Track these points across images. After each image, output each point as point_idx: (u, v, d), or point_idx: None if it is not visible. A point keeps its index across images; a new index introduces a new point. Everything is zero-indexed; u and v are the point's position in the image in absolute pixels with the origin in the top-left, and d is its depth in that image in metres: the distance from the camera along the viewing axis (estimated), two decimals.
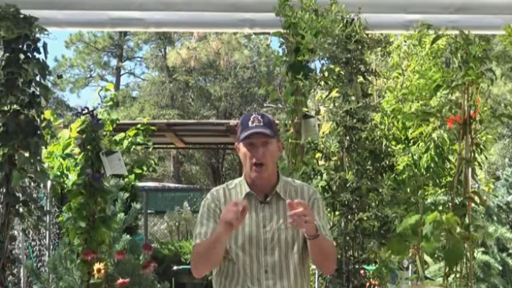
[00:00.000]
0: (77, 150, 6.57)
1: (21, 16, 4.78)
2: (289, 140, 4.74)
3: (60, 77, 20.50)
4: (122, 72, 32.88)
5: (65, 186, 7.61)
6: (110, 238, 5.14)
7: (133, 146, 8.84)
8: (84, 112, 4.99)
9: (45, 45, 4.90)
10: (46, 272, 6.14)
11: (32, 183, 5.15)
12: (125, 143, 8.75)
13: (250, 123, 3.02)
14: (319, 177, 4.70)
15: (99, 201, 4.95)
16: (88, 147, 4.96)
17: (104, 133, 7.20)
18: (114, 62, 32.59)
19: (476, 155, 4.51)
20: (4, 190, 4.79)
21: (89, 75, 32.65)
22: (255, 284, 2.97)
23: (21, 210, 4.84)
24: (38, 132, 4.85)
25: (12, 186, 4.78)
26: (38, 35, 4.89)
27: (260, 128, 3.00)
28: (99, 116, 8.40)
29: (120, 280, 5.11)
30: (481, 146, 4.56)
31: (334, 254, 3.13)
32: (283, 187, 3.06)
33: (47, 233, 6.85)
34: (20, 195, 4.84)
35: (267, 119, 3.04)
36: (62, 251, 5.47)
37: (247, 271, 2.99)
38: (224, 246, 2.97)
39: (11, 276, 4.96)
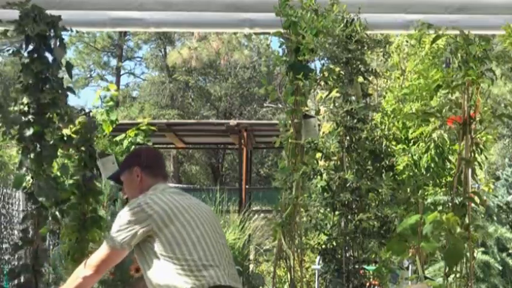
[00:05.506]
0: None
1: (45, 15, 4.79)
2: (289, 140, 4.73)
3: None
4: (122, 72, 32.88)
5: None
6: (102, 238, 5.15)
7: (133, 146, 8.84)
8: (81, 114, 5.00)
9: (62, 43, 4.93)
10: (46, 272, 6.13)
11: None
12: (125, 143, 8.75)
13: None
14: (318, 177, 4.69)
15: (91, 202, 4.98)
16: (82, 148, 4.97)
17: (99, 134, 7.21)
18: (114, 62, 32.61)
19: (476, 155, 4.50)
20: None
21: (89, 75, 32.66)
22: None
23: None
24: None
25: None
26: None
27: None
28: (99, 117, 8.44)
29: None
30: (481, 146, 4.55)
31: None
32: None
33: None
34: None
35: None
36: (62, 251, 5.48)
37: None
38: None
39: None
